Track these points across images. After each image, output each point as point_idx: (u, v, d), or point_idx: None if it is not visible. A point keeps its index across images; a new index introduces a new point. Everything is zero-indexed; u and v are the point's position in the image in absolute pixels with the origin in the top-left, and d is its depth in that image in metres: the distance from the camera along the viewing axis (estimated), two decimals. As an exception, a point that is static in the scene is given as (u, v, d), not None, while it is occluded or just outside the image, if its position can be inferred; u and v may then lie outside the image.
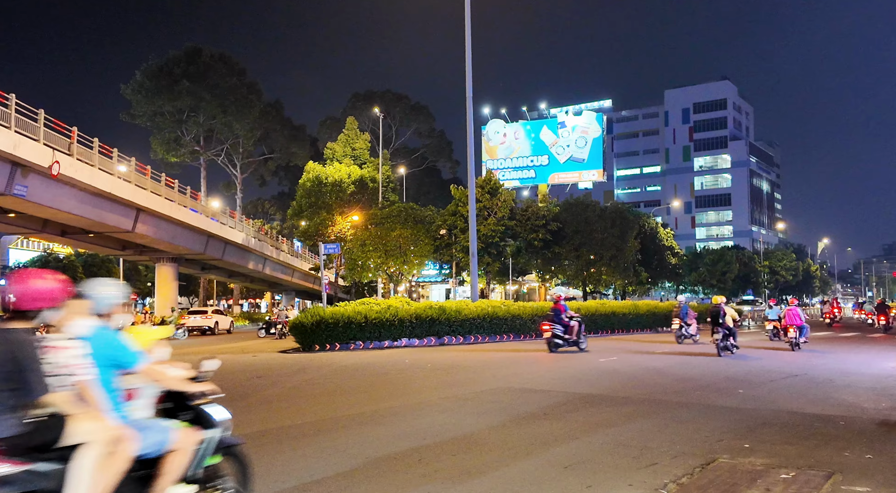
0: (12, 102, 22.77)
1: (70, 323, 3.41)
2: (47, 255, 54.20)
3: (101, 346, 3.42)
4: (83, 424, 3.17)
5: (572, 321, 17.56)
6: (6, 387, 3.04)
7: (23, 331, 3.14)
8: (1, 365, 3.04)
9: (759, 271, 72.50)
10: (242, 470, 4.10)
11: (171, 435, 3.55)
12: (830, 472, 5.45)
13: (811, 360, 15.25)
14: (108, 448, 3.19)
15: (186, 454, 3.59)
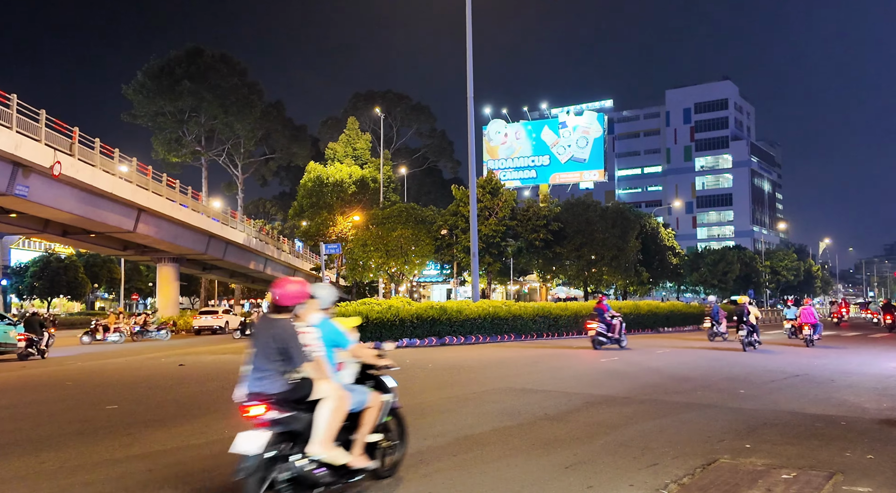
0: (14, 102, 22.79)
1: (308, 315, 4.81)
2: (49, 255, 54.19)
3: (326, 331, 4.82)
4: (321, 385, 4.48)
5: (614, 320, 18.53)
6: (279, 358, 4.38)
7: (285, 320, 4.47)
8: (276, 343, 4.37)
9: (760, 271, 72.42)
10: (402, 428, 5.48)
11: (367, 397, 4.92)
12: (832, 472, 5.45)
13: (816, 359, 15.30)
14: (336, 403, 4.52)
15: (376, 411, 4.95)
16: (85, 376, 13.95)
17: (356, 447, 4.75)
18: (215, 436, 7.16)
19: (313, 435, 4.45)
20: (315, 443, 4.45)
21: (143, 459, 6.15)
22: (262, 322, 4.57)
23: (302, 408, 4.45)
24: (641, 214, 54.42)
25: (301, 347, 4.40)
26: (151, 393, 10.77)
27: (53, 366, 16.61)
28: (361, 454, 4.78)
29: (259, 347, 4.49)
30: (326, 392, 4.51)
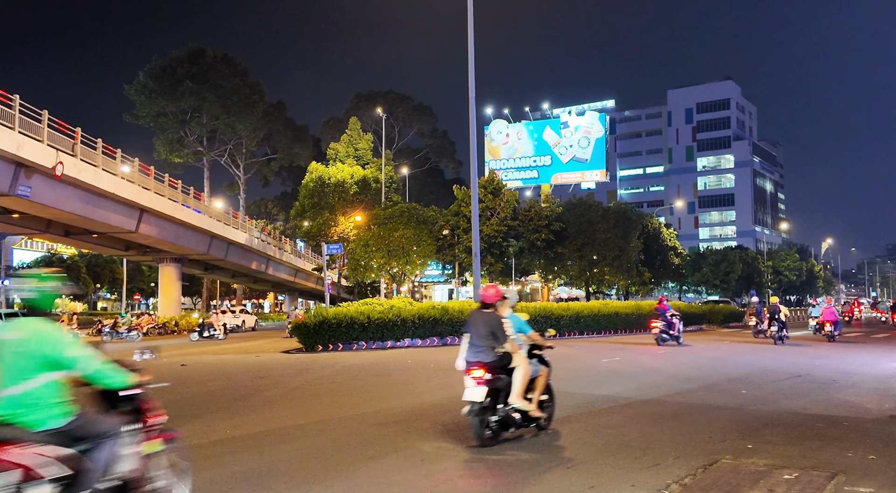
0: (16, 102, 22.83)
1: (503, 311, 6.95)
2: (51, 255, 54.38)
3: (515, 321, 7.12)
4: (516, 357, 6.74)
5: (674, 319, 20.03)
6: (489, 338, 6.57)
7: (491, 313, 6.77)
8: (487, 328, 6.60)
9: (762, 271, 72.32)
10: (552, 393, 7.38)
11: (539, 367, 7.15)
12: (834, 473, 5.45)
13: (824, 357, 15.29)
14: (524, 369, 6.71)
15: (545, 378, 7.16)
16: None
17: (534, 402, 6.88)
18: (217, 436, 7.17)
19: (512, 391, 6.62)
20: (514, 395, 6.62)
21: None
22: (475, 314, 6.92)
23: (504, 373, 6.65)
24: (643, 215, 54.35)
25: (503, 330, 6.68)
26: (153, 393, 10.77)
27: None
28: (536, 408, 6.88)
29: (474, 330, 6.78)
30: (519, 362, 6.77)
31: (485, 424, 6.45)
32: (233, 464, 5.95)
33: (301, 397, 10.20)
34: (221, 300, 68.47)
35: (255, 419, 8.17)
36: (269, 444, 6.74)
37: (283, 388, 11.24)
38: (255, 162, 63.43)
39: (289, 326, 30.19)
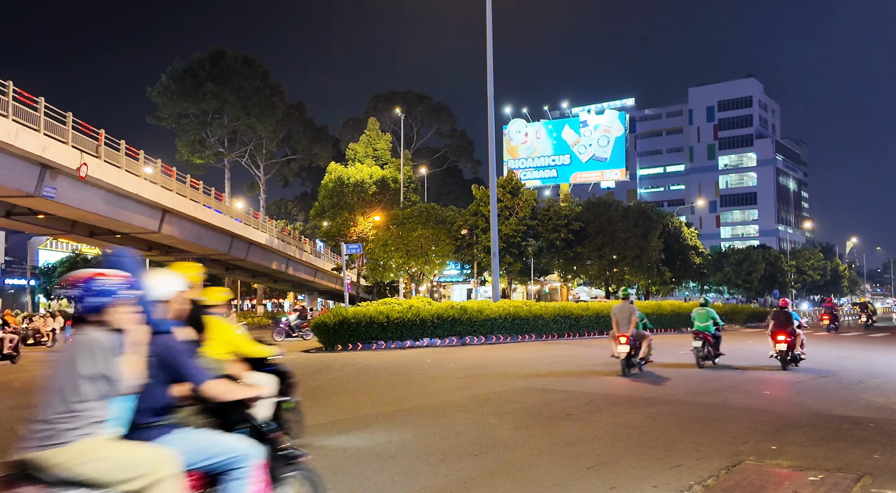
0: (41, 105, 23.19)
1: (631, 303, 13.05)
2: (76, 255, 55.14)
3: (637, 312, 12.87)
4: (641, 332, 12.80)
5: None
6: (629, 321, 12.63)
7: (629, 304, 12.96)
8: (627, 315, 12.67)
9: (785, 270, 71.35)
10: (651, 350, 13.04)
11: (647, 333, 12.99)
12: (860, 475, 5.36)
13: (857, 355, 15.06)
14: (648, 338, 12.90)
15: (649, 341, 12.90)
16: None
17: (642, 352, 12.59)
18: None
19: (640, 350, 12.46)
20: (641, 352, 12.48)
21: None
22: (620, 306, 12.97)
23: (638, 340, 12.42)
24: (664, 214, 53.86)
25: (636, 315, 12.62)
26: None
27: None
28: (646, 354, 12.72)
29: (619, 317, 12.65)
30: (645, 334, 12.64)
31: (627, 364, 12.21)
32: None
33: (321, 396, 10.24)
34: (242, 300, 69.07)
35: (276, 418, 8.21)
36: (290, 442, 6.78)
37: (303, 387, 11.27)
38: (275, 163, 63.89)
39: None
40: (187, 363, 3.03)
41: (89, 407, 2.67)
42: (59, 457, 2.62)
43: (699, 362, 13.72)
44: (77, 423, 2.65)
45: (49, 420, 2.65)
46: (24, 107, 22.45)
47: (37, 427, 2.65)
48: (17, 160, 22.82)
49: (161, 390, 2.98)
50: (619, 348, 12.20)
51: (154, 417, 2.96)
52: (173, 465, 2.81)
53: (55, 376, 2.72)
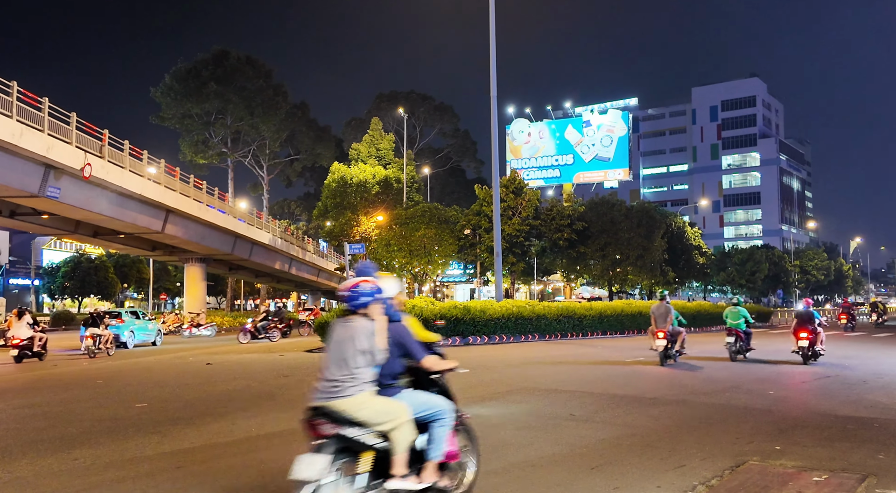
0: (45, 105, 23.24)
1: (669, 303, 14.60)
2: (79, 255, 55.25)
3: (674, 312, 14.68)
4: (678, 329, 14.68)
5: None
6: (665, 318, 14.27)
7: (668, 304, 14.69)
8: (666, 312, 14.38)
9: (789, 270, 71.21)
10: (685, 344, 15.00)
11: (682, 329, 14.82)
12: (864, 475, 5.34)
13: (861, 355, 15.04)
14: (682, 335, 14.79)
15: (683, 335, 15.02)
16: (114, 374, 14.20)
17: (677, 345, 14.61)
18: (241, 434, 7.23)
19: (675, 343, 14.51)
20: (677, 345, 14.56)
21: (172, 456, 6.24)
22: (658, 306, 14.60)
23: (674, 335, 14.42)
24: (667, 214, 53.85)
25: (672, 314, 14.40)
26: (180, 391, 10.92)
27: (116, 361, 16.96)
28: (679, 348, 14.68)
29: (657, 315, 14.37)
30: (680, 331, 14.57)
31: (664, 356, 14.00)
32: (259, 463, 6.00)
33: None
34: (245, 300, 69.18)
35: (281, 418, 8.23)
36: (299, 442, 6.78)
37: (307, 387, 11.31)
38: (278, 163, 63.97)
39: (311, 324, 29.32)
40: (413, 343, 4.28)
41: (361, 372, 3.89)
42: (344, 405, 3.82)
43: (732, 355, 14.94)
44: (355, 383, 3.86)
45: (336, 380, 3.87)
46: (29, 107, 22.51)
47: (327, 384, 3.89)
48: (22, 160, 22.89)
49: (396, 362, 4.21)
50: (657, 342, 14.13)
51: (391, 380, 4.20)
52: (408, 414, 4.01)
53: (339, 349, 3.94)
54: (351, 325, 3.98)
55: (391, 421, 3.92)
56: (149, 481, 5.36)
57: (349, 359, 3.90)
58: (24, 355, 17.14)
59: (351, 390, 3.85)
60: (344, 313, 4.09)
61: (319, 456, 3.70)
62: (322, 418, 3.85)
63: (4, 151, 21.84)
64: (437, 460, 4.18)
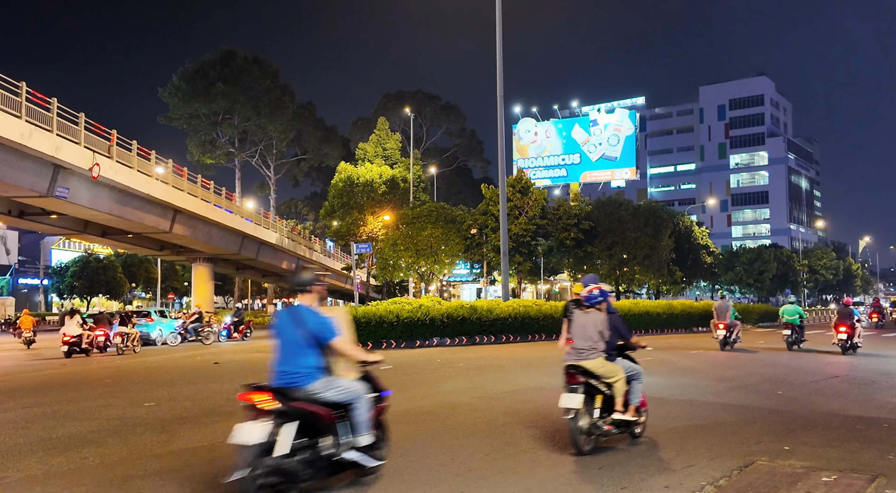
0: (54, 106, 23.37)
1: None
2: (88, 255, 55.56)
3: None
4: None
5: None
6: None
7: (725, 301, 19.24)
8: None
9: (797, 270, 70.90)
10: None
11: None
12: (874, 475, 5.31)
13: (871, 356, 14.98)
14: None
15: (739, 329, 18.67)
16: (123, 373, 14.26)
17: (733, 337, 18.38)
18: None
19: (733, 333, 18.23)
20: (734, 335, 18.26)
21: (180, 455, 6.27)
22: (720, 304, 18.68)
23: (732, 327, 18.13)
24: (674, 213, 53.68)
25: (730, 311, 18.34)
26: (188, 391, 10.96)
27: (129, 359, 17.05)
28: None
29: (719, 310, 18.24)
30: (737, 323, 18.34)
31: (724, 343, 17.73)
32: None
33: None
34: (253, 299, 69.37)
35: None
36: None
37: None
38: (285, 163, 64.12)
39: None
40: (623, 328, 6.63)
41: (598, 344, 6.19)
42: (589, 365, 6.15)
43: (789, 346, 18.10)
44: (594, 351, 6.18)
45: (583, 349, 6.18)
46: (37, 108, 22.64)
47: (576, 351, 6.21)
48: (31, 161, 23.02)
49: (614, 339, 6.45)
50: (718, 331, 17.96)
51: (611, 351, 6.40)
52: (623, 373, 6.30)
53: (584, 329, 6.23)
54: (591, 315, 6.31)
55: (614, 377, 6.23)
56: (157, 479, 5.38)
57: (591, 336, 6.22)
58: (72, 350, 18.83)
59: (592, 355, 6.20)
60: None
61: (576, 395, 6.02)
62: (575, 371, 6.17)
63: (14, 151, 21.97)
64: (635, 404, 6.44)
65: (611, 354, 6.30)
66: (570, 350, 6.26)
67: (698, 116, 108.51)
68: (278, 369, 4.69)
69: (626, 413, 6.27)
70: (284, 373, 4.65)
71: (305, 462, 4.53)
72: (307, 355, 4.64)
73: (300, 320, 4.68)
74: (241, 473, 4.26)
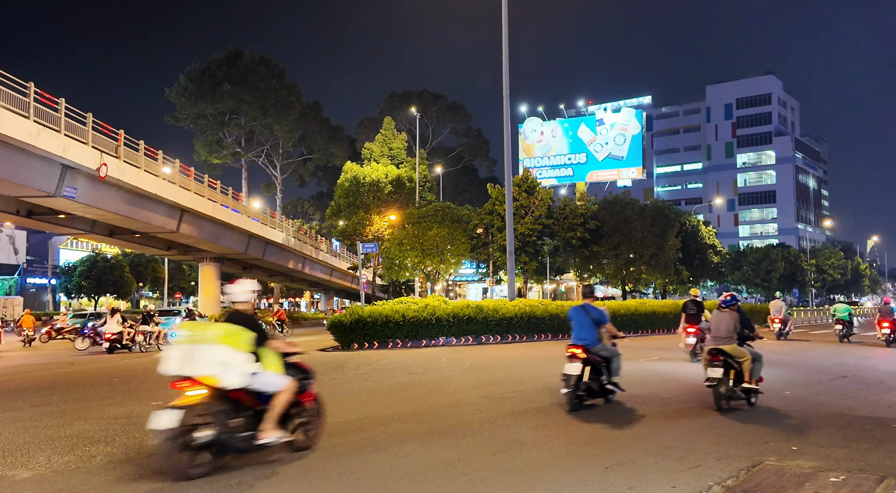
0: (62, 106, 23.48)
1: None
2: (96, 255, 55.73)
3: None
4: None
5: None
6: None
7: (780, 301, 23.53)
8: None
9: (805, 269, 70.57)
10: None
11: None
12: (882, 476, 5.28)
13: (880, 355, 14.88)
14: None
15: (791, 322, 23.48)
16: (130, 372, 14.32)
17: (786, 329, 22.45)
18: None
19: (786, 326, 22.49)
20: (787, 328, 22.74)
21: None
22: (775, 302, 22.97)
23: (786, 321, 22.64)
24: (681, 212, 53.49)
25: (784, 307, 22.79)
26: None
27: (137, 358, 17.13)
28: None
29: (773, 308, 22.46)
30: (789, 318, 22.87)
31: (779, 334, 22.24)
32: (273, 464, 6.03)
33: (338, 395, 10.26)
34: (259, 299, 69.53)
35: (293, 416, 8.25)
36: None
37: (320, 386, 11.28)
38: (291, 162, 64.25)
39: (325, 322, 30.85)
40: (748, 322, 8.79)
41: (731, 335, 8.60)
42: (728, 349, 8.51)
43: (841, 339, 21.34)
44: (729, 340, 8.58)
45: (723, 337, 8.61)
46: (45, 108, 22.75)
47: (718, 339, 8.65)
48: (39, 161, 23.14)
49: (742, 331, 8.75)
50: (774, 325, 22.49)
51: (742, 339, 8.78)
52: (749, 355, 8.50)
53: (720, 324, 8.70)
54: (727, 313, 8.75)
55: (744, 357, 8.45)
56: (165, 477, 5.40)
57: (728, 328, 8.62)
58: (114, 346, 20.44)
59: (728, 342, 8.55)
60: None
61: (718, 369, 8.34)
62: (717, 353, 8.48)
63: (22, 151, 22.09)
64: (756, 378, 8.57)
65: (738, 341, 8.61)
66: (710, 338, 8.83)
67: (705, 115, 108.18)
68: None
69: (751, 384, 8.49)
70: None
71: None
72: None
73: None
74: None
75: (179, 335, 5.67)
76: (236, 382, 5.43)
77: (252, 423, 5.59)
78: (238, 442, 5.48)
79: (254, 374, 5.59)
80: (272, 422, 5.67)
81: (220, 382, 5.35)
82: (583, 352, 8.17)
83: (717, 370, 8.29)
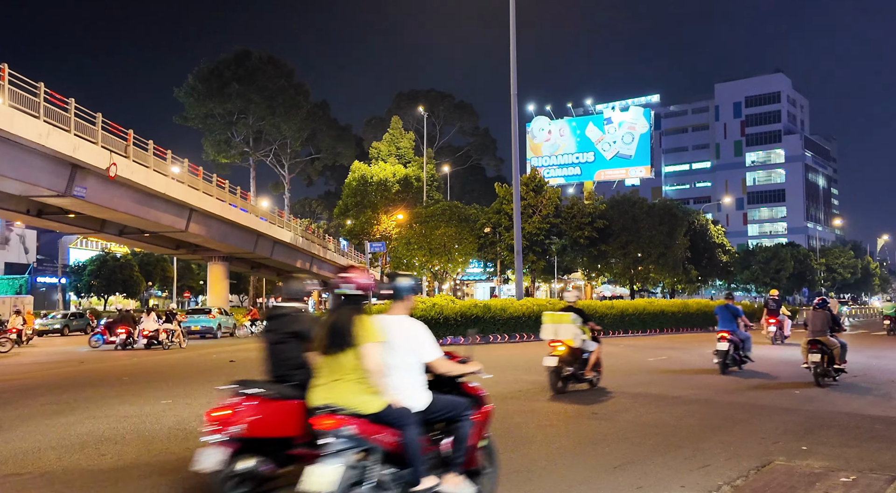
0: (72, 106, 23.61)
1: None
2: (105, 254, 56.03)
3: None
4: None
5: None
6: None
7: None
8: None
9: (814, 269, 70.17)
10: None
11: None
12: (894, 476, 5.25)
13: (890, 354, 14.78)
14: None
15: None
16: (140, 370, 14.39)
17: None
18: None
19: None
20: None
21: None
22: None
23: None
24: (689, 211, 53.30)
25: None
26: (203, 389, 11.04)
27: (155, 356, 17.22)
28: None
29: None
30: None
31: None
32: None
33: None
34: (267, 298, 69.75)
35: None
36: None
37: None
38: (299, 162, 64.38)
39: None
40: (837, 322, 11.10)
41: (825, 328, 10.72)
42: (822, 339, 10.61)
43: (888, 332, 24.13)
44: (824, 332, 10.67)
45: (818, 331, 10.68)
46: (55, 108, 22.87)
47: (815, 331, 10.67)
48: (49, 160, 23.28)
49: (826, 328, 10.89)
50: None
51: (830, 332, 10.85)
52: (838, 344, 10.77)
53: (820, 319, 10.78)
54: (820, 312, 10.82)
55: (835, 346, 10.44)
56: (174, 476, 5.42)
57: (823, 323, 10.67)
58: (151, 343, 21.50)
59: (822, 334, 10.56)
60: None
61: (817, 354, 10.43)
62: (815, 343, 10.49)
63: (32, 151, 22.23)
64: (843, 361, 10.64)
65: (830, 334, 10.57)
66: (808, 332, 10.75)
67: (714, 114, 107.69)
68: None
69: (841, 365, 10.54)
70: None
71: None
72: None
73: None
74: None
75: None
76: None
77: None
78: None
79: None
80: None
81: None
82: (729, 335, 11.99)
83: (816, 356, 10.46)
